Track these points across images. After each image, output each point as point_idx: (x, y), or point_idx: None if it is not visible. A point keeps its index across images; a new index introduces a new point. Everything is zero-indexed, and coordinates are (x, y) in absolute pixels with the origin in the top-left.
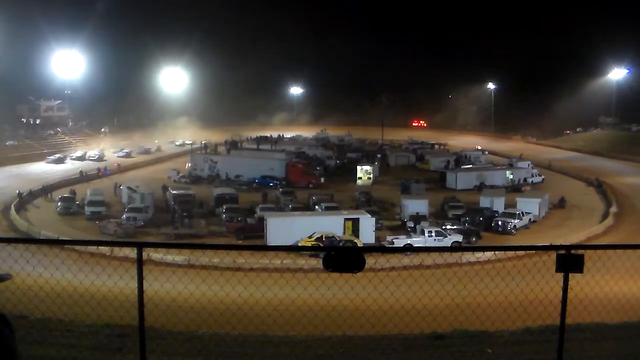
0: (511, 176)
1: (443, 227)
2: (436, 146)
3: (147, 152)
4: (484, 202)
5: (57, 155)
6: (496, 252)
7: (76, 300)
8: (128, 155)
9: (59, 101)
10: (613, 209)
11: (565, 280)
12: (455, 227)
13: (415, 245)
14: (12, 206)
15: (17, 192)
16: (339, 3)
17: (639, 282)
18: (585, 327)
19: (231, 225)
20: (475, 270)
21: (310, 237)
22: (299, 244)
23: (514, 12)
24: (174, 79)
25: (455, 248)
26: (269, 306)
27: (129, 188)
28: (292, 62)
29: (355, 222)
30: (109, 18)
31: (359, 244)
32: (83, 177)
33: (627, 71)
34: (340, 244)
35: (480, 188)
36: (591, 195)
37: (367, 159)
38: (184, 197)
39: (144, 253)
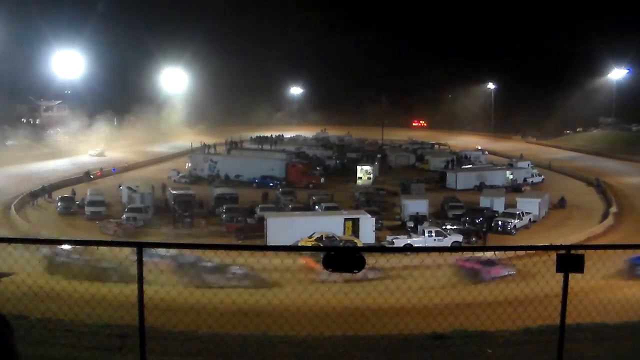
0: (511, 176)
1: (443, 227)
2: (436, 146)
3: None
4: (484, 202)
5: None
6: (496, 252)
7: (76, 300)
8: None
9: (59, 101)
10: (613, 209)
11: (565, 280)
12: (455, 227)
13: (415, 245)
14: (12, 206)
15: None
16: (339, 3)
17: (639, 282)
18: (585, 327)
19: (231, 225)
20: None
21: (310, 237)
22: (299, 244)
23: (514, 12)
24: (174, 79)
25: (455, 248)
26: (269, 306)
27: (129, 188)
28: (292, 62)
29: (355, 222)
30: (109, 18)
31: (359, 244)
32: (85, 177)
33: (627, 71)
34: (340, 244)
35: (480, 188)
36: (591, 195)
37: (367, 159)
38: (184, 197)
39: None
